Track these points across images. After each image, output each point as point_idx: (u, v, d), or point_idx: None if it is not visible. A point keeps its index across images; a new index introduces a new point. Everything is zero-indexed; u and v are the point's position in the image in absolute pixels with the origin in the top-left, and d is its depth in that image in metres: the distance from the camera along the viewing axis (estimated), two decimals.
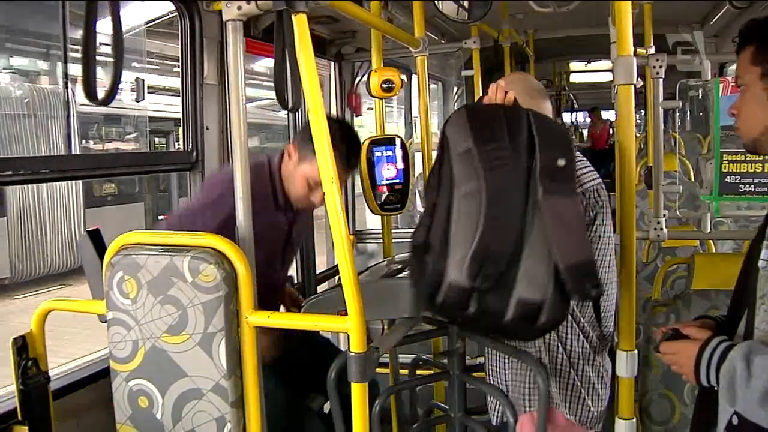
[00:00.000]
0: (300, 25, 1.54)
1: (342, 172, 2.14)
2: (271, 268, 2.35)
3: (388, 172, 2.62)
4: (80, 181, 10.90)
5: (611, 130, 11.68)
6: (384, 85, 2.54)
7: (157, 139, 14.09)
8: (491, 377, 2.24)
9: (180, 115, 2.94)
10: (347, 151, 2.28)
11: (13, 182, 2.23)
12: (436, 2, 3.03)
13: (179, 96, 2.93)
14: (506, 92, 1.87)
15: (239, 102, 1.73)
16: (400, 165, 2.66)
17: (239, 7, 1.66)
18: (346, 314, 1.57)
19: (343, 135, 2.20)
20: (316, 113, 1.55)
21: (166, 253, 1.70)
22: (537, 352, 2.08)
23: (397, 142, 2.68)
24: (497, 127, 1.71)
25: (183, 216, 2.35)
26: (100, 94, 1.40)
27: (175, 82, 13.74)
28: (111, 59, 1.45)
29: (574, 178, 1.76)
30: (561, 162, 1.70)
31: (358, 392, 1.57)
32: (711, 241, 3.58)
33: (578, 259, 1.65)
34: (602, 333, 2.15)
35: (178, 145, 13.94)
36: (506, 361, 2.17)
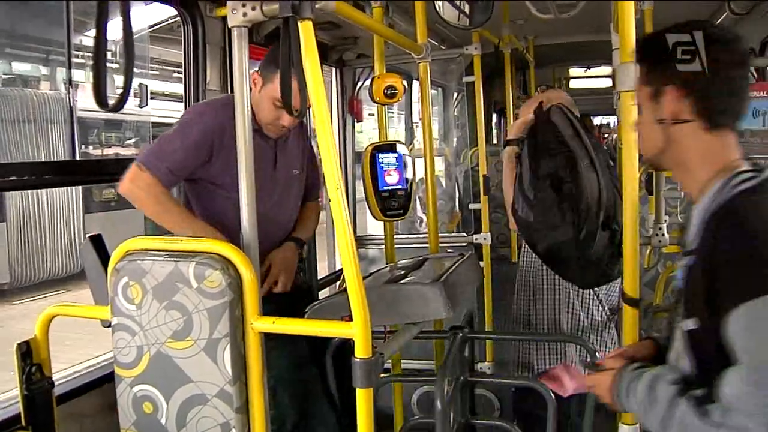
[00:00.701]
0: (306, 31, 1.54)
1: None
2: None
3: (390, 178, 2.62)
4: (80, 187, 10.90)
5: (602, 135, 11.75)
6: (387, 92, 2.55)
7: None
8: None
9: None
10: None
11: (17, 187, 2.24)
12: (437, 9, 3.04)
13: (178, 101, 2.94)
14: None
15: (244, 108, 1.72)
16: (403, 171, 2.66)
17: (245, 14, 1.65)
18: (350, 320, 1.57)
19: None
20: (321, 120, 1.55)
21: (171, 259, 1.70)
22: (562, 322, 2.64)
23: (400, 148, 2.69)
24: (582, 124, 2.36)
25: (164, 140, 2.43)
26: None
27: (174, 88, 13.77)
28: (116, 65, 1.45)
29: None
30: (611, 163, 2.34)
31: (363, 398, 1.57)
32: None
33: None
34: (612, 305, 2.63)
35: None
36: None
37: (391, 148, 2.65)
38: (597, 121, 12.69)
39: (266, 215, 1.84)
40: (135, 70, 1.44)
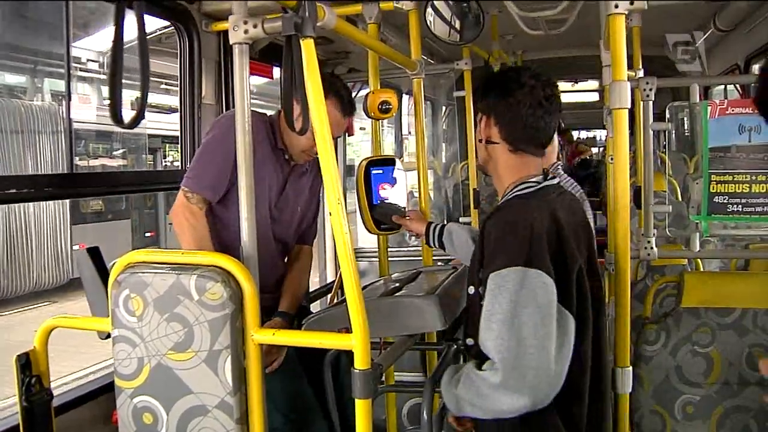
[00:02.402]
0: (308, 49, 1.57)
1: (344, 118, 2.52)
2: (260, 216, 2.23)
3: (384, 192, 2.64)
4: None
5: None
6: (382, 107, 2.57)
7: (143, 156, 14.08)
8: None
9: (167, 132, 2.97)
10: (347, 97, 2.52)
11: (16, 200, 2.25)
12: (428, 25, 3.09)
13: (167, 113, 2.96)
14: None
15: (245, 124, 1.75)
16: (397, 185, 2.68)
17: (246, 31, 1.68)
18: (347, 332, 1.60)
19: (339, 84, 2.50)
20: (322, 136, 1.58)
21: (173, 272, 1.72)
22: None
23: (395, 162, 2.71)
24: None
25: (195, 162, 2.42)
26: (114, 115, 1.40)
27: (162, 99, 13.76)
28: (115, 79, 1.44)
29: None
30: None
31: (362, 408, 1.60)
32: (699, 259, 3.64)
33: None
34: None
35: (166, 162, 13.94)
36: None
37: (385, 162, 2.67)
38: (584, 135, 12.80)
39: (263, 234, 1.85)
40: (129, 81, 1.45)
